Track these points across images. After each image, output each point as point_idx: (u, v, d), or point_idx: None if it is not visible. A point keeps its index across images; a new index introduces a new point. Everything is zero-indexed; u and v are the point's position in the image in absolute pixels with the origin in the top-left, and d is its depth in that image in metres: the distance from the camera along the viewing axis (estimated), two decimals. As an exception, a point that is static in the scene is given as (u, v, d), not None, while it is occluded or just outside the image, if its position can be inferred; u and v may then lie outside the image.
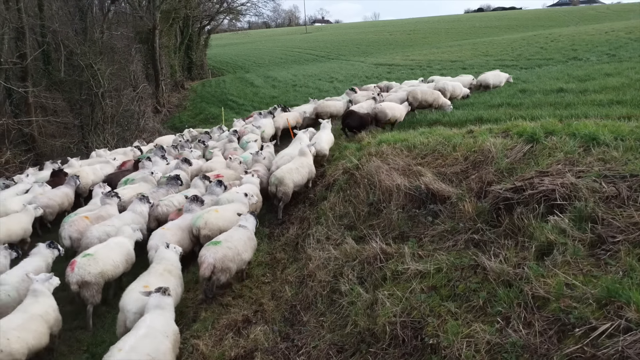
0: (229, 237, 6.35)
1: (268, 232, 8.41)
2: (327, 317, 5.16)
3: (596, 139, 5.23)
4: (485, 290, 3.88)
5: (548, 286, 3.51)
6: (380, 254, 5.38)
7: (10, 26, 18.57)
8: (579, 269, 3.59)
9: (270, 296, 6.28)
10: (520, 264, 3.89)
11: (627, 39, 24.53)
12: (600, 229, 3.80)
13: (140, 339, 4.24)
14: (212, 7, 43.13)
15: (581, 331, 3.06)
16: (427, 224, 5.53)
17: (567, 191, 4.28)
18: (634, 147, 4.86)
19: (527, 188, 4.59)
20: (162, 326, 4.54)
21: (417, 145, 7.66)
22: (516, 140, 6.10)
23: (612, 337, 2.88)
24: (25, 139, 19.21)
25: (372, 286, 5.00)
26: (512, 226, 4.45)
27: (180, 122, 26.63)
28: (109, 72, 21.44)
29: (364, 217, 6.73)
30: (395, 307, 4.31)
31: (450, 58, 28.38)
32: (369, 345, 4.28)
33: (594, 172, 4.46)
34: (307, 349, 4.83)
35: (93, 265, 6.07)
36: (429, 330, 3.87)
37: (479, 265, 4.19)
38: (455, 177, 6.10)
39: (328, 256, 6.16)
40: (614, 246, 3.61)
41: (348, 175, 8.39)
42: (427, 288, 4.40)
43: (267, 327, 5.43)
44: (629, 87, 11.70)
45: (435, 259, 4.66)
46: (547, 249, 3.92)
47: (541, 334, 3.26)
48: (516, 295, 3.62)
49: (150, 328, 4.41)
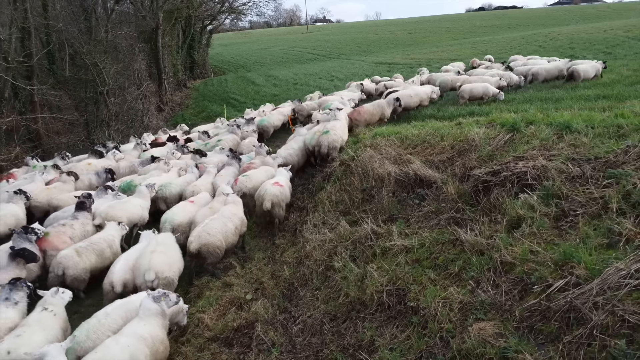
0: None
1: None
2: (321, 291, 5.62)
3: (569, 127, 5.67)
4: (461, 260, 4.34)
5: (515, 253, 3.96)
6: (371, 234, 5.83)
7: (18, 26, 19.08)
8: (543, 238, 4.03)
9: (270, 276, 6.72)
10: (492, 236, 4.34)
11: (624, 37, 24.91)
12: (564, 204, 4.24)
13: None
14: (214, 7, 43.59)
15: (540, 288, 3.51)
16: (415, 206, 5.98)
17: (538, 172, 4.72)
18: (602, 134, 5.30)
19: (504, 171, 5.03)
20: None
21: (408, 136, 8.10)
22: (499, 130, 6.55)
23: (564, 291, 3.33)
24: (31, 136, 19.73)
25: (363, 262, 5.45)
26: (488, 205, 4.90)
27: (183, 119, 27.07)
28: (113, 70, 21.93)
29: (357, 203, 7.18)
30: (383, 278, 4.77)
31: (450, 57, 28.77)
32: (358, 312, 4.73)
33: (563, 155, 4.90)
34: (302, 318, 5.29)
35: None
36: (411, 296, 4.32)
37: (457, 239, 4.64)
38: (441, 164, 6.55)
39: (324, 238, 6.62)
40: (575, 218, 4.06)
41: (345, 167, 8.83)
42: (411, 261, 4.85)
43: (266, 301, 5.88)
44: (617, 83, 12.14)
45: (420, 236, 5.12)
46: (517, 223, 4.37)
47: (506, 293, 3.71)
48: (487, 262, 4.07)
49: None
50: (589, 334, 2.95)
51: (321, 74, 30.10)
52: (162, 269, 5.68)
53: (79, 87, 22.62)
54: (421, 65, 25.54)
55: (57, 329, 4.65)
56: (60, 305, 4.96)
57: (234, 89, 31.67)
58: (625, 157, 4.46)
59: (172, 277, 5.83)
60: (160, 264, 5.71)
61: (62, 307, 4.99)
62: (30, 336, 4.33)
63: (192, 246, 6.29)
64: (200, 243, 6.33)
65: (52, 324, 4.65)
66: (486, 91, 12.19)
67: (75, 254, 6.24)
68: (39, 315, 4.71)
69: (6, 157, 16.31)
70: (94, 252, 6.44)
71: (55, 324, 4.68)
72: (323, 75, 29.72)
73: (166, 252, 5.99)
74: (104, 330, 4.43)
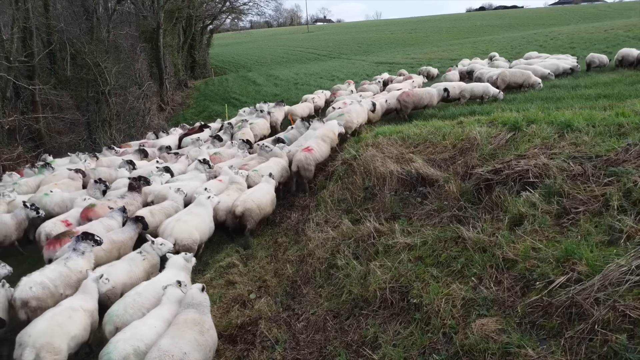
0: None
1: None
2: (324, 288, 5.66)
3: (570, 125, 5.71)
4: (464, 257, 4.38)
5: (517, 250, 4.00)
6: (373, 232, 5.87)
7: (20, 26, 19.14)
8: (544, 235, 4.07)
9: (273, 274, 6.77)
10: (494, 233, 4.38)
11: (625, 36, 24.95)
12: (566, 202, 4.28)
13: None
14: (214, 7, 43.65)
15: (541, 284, 3.55)
16: (417, 205, 6.03)
17: (539, 170, 4.76)
18: (603, 132, 5.34)
19: (505, 169, 5.07)
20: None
21: (410, 135, 8.15)
22: (500, 129, 6.59)
23: (566, 288, 3.37)
24: (33, 135, 19.80)
25: (366, 260, 5.49)
26: (490, 203, 4.95)
27: (184, 119, 27.13)
28: (115, 70, 21.99)
29: (360, 202, 7.22)
30: (385, 275, 4.81)
31: (450, 56, 28.81)
32: (361, 309, 4.78)
33: (564, 154, 4.94)
34: (306, 315, 5.33)
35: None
36: (414, 293, 4.37)
37: (459, 237, 4.68)
38: (443, 162, 6.59)
39: (326, 237, 6.66)
40: (576, 216, 4.10)
41: (346, 166, 8.88)
42: (414, 258, 4.89)
43: (270, 299, 5.93)
44: (618, 82, 12.15)
45: (422, 234, 5.16)
46: (519, 220, 4.41)
47: (508, 289, 3.75)
48: (489, 259, 4.11)
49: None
50: (590, 329, 2.99)
51: (322, 74, 30.12)
52: (182, 237, 6.76)
53: (81, 86, 22.69)
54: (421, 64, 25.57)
55: (142, 270, 5.98)
56: (154, 254, 6.15)
57: (235, 88, 31.70)
58: (626, 155, 4.50)
59: (190, 244, 6.89)
60: (180, 232, 6.79)
61: (156, 257, 6.16)
62: (116, 270, 5.75)
63: (238, 209, 7.69)
64: (244, 207, 7.69)
65: (139, 265, 5.99)
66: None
67: (149, 214, 7.60)
68: (134, 255, 6.17)
69: (9, 157, 16.40)
70: (165, 214, 7.73)
71: (141, 266, 5.99)
72: (324, 75, 29.75)
73: (190, 221, 7.08)
74: (138, 306, 4.93)
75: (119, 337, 4.18)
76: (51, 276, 5.45)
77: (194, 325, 4.24)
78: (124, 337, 4.15)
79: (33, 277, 5.39)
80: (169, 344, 3.88)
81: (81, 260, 5.78)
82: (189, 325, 4.20)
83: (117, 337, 4.17)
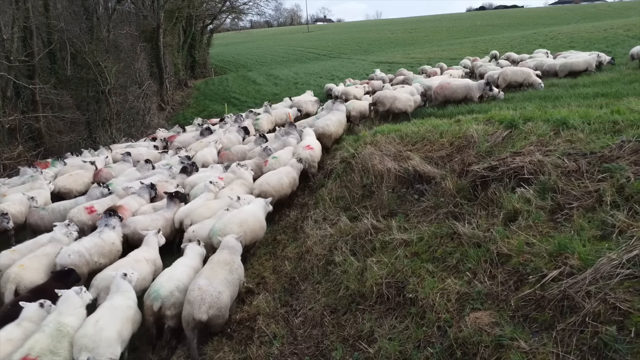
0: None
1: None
2: (322, 284, 5.71)
3: (566, 123, 5.76)
4: (459, 252, 4.43)
5: (511, 245, 4.05)
6: (371, 229, 5.93)
7: (20, 25, 19.18)
8: (538, 230, 4.12)
9: (271, 270, 6.82)
10: (489, 229, 4.43)
11: (624, 36, 24.99)
12: (560, 198, 4.33)
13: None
14: (214, 7, 43.68)
15: (535, 278, 3.60)
16: (414, 202, 6.08)
17: (535, 167, 4.81)
18: (598, 129, 5.38)
19: (501, 166, 5.12)
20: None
21: (408, 134, 8.20)
22: (497, 127, 6.63)
23: (558, 281, 3.42)
24: (33, 134, 19.85)
25: (363, 256, 5.54)
26: (486, 199, 5.00)
27: (184, 118, 27.18)
28: (115, 69, 22.02)
29: (358, 199, 7.27)
30: (382, 271, 4.86)
31: (450, 56, 28.86)
32: (358, 304, 4.83)
33: (559, 151, 4.99)
34: (304, 311, 5.39)
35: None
36: (410, 288, 4.42)
37: (455, 233, 4.73)
38: (440, 160, 6.64)
39: (324, 233, 6.72)
40: (570, 211, 4.15)
41: (345, 164, 8.93)
42: (410, 254, 4.94)
43: (268, 295, 5.98)
44: (616, 81, 12.20)
45: (419, 230, 5.21)
46: (514, 216, 4.46)
47: (502, 283, 3.80)
48: (484, 254, 4.16)
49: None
50: (581, 322, 3.04)
51: (322, 73, 30.19)
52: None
53: (81, 86, 22.71)
54: (421, 63, 25.62)
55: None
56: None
57: (235, 88, 31.77)
58: (619, 151, 4.55)
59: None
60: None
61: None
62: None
63: (255, 192, 8.33)
64: (260, 190, 8.28)
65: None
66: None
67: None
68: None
69: (9, 156, 16.45)
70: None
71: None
72: (324, 74, 29.81)
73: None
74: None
75: (160, 279, 5.27)
76: (87, 246, 6.34)
77: (225, 265, 5.41)
78: (164, 278, 5.26)
79: (72, 246, 6.24)
80: (206, 284, 4.94)
81: (113, 233, 6.72)
82: (220, 265, 5.36)
83: (159, 279, 5.26)
